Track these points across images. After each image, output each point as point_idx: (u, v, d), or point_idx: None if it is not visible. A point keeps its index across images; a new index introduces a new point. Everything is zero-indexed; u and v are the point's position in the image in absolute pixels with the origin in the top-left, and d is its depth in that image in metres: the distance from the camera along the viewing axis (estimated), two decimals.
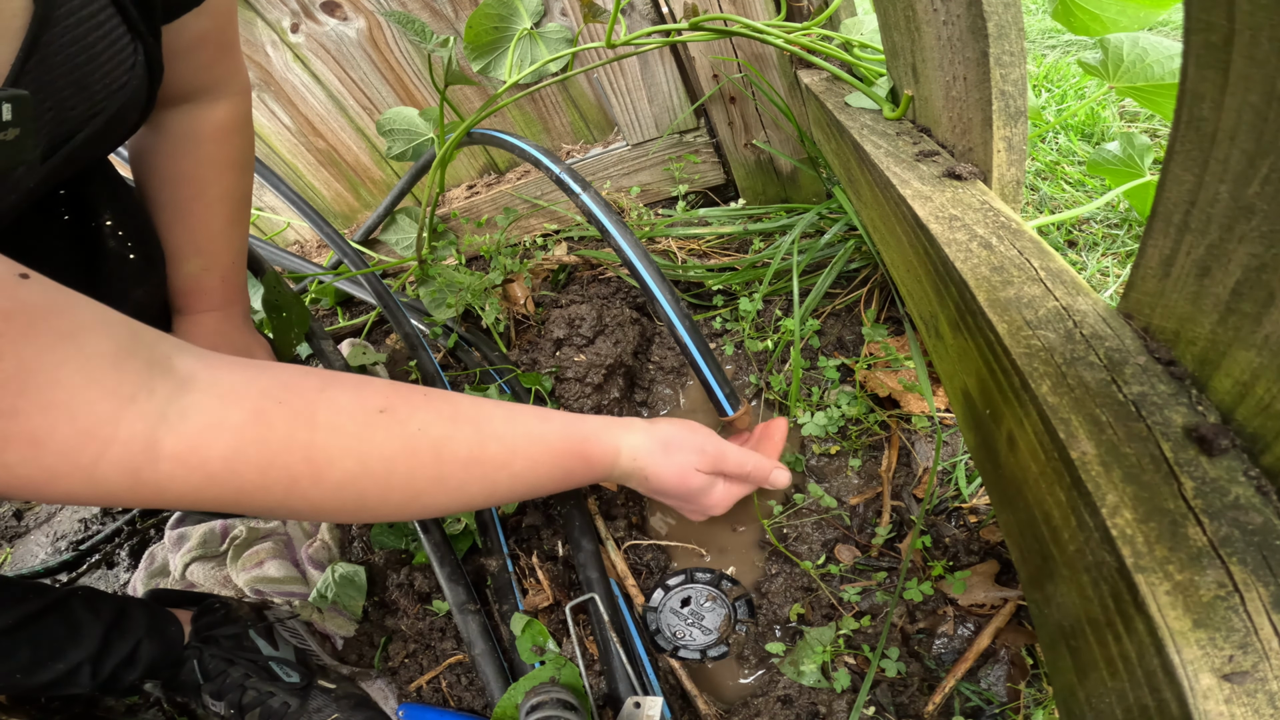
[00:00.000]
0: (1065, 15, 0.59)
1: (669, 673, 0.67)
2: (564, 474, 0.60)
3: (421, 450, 0.50)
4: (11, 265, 0.38)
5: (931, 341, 0.57)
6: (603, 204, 0.78)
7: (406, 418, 0.50)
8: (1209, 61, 0.25)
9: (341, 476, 0.46)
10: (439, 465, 0.51)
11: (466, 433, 0.53)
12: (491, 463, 0.54)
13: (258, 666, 0.71)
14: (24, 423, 0.36)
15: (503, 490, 0.56)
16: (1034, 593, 0.41)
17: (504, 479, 0.55)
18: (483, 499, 0.56)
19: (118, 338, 0.40)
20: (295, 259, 1.27)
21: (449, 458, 0.51)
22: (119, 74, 0.51)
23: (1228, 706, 0.23)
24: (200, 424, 0.41)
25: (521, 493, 0.58)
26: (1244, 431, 0.29)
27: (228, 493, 0.43)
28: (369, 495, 0.48)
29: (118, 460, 0.38)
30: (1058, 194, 1.01)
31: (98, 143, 0.52)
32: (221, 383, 0.43)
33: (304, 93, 1.13)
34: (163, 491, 0.41)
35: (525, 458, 0.56)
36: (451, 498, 0.53)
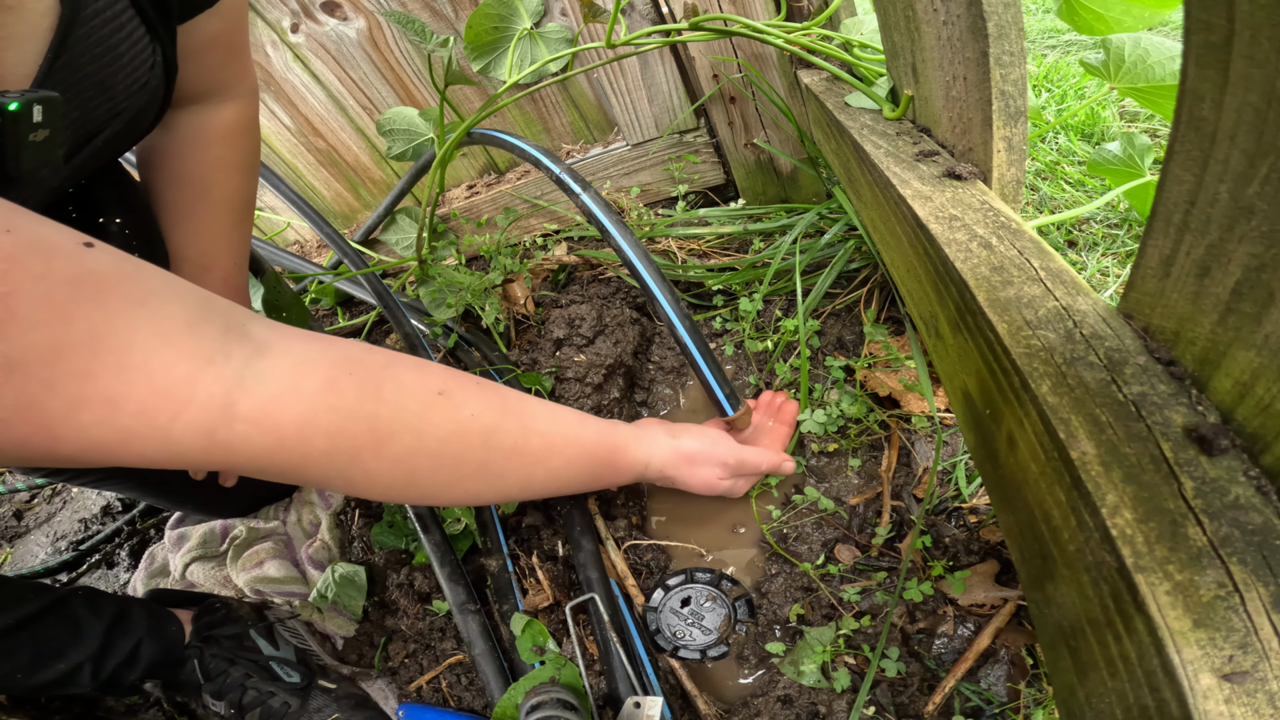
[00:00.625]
0: (1070, 14, 0.59)
1: (669, 673, 0.67)
2: (592, 475, 0.63)
3: (472, 435, 0.52)
4: (76, 234, 0.38)
5: (931, 341, 0.57)
6: (603, 204, 0.78)
7: (462, 402, 0.52)
8: (1209, 61, 0.25)
9: (400, 451, 0.48)
10: (485, 451, 0.53)
11: (513, 424, 0.55)
12: (531, 456, 0.56)
13: (258, 666, 0.71)
14: (99, 384, 0.36)
15: (537, 483, 0.58)
16: (1034, 593, 0.41)
17: (540, 473, 0.57)
18: (518, 489, 0.58)
19: (189, 303, 0.41)
20: (295, 259, 1.27)
21: (495, 446, 0.53)
22: (140, 74, 0.51)
23: (1228, 706, 0.23)
24: (276, 388, 0.42)
25: (553, 488, 0.61)
26: (1244, 431, 0.29)
27: (295, 457, 0.43)
28: (421, 472, 0.50)
29: (194, 421, 0.39)
30: (1058, 194, 1.01)
31: (118, 142, 0.53)
32: (296, 351, 0.44)
33: (304, 93, 1.13)
34: (235, 453, 0.41)
35: (562, 456, 0.59)
36: (491, 485, 0.55)
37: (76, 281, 0.36)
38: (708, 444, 0.70)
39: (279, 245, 1.35)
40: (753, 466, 0.72)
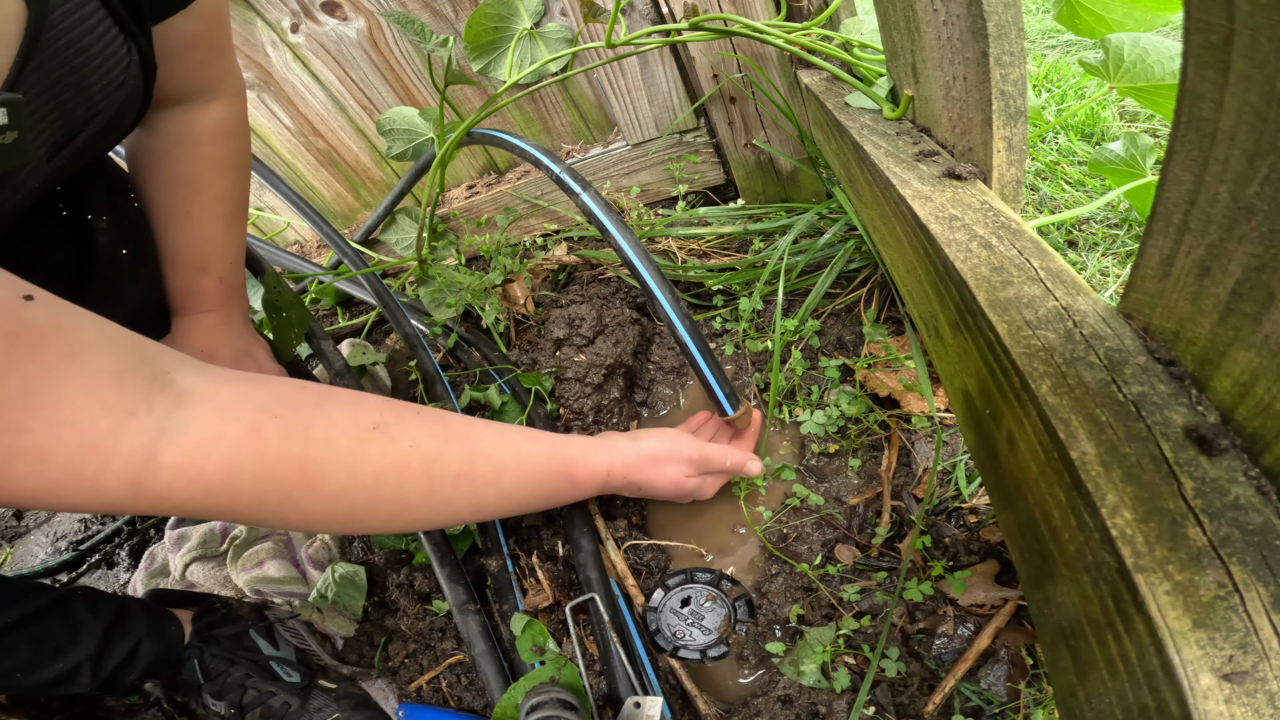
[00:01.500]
0: (1070, 17, 0.59)
1: (669, 673, 0.67)
2: (550, 492, 0.63)
3: (412, 465, 0.52)
4: (16, 286, 0.40)
5: (931, 341, 0.57)
6: (603, 204, 0.78)
7: (399, 435, 0.52)
8: (1209, 61, 0.25)
9: (334, 489, 0.48)
10: (429, 480, 0.53)
11: (457, 450, 0.55)
12: (480, 479, 0.56)
13: (258, 666, 0.71)
14: (30, 438, 0.38)
15: (490, 506, 0.58)
16: (1034, 593, 0.41)
17: (491, 495, 0.57)
18: (469, 514, 0.58)
19: (121, 355, 0.42)
20: (295, 259, 1.27)
21: (439, 473, 0.53)
22: (115, 74, 0.51)
23: (1228, 706, 0.23)
24: (198, 438, 0.43)
25: (508, 509, 0.60)
26: (1244, 431, 0.29)
27: (223, 502, 0.44)
28: (359, 507, 0.50)
29: (119, 472, 0.40)
30: (1058, 194, 1.01)
31: (99, 141, 0.53)
32: (219, 397, 0.45)
33: (304, 93, 1.13)
34: (162, 501, 0.42)
35: (513, 476, 0.58)
36: (439, 511, 0.55)
37: (13, 337, 0.37)
38: (668, 442, 0.70)
39: (279, 245, 1.35)
40: (717, 463, 0.72)
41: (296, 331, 0.87)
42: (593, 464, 0.65)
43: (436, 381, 0.91)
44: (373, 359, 1.04)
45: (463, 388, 0.93)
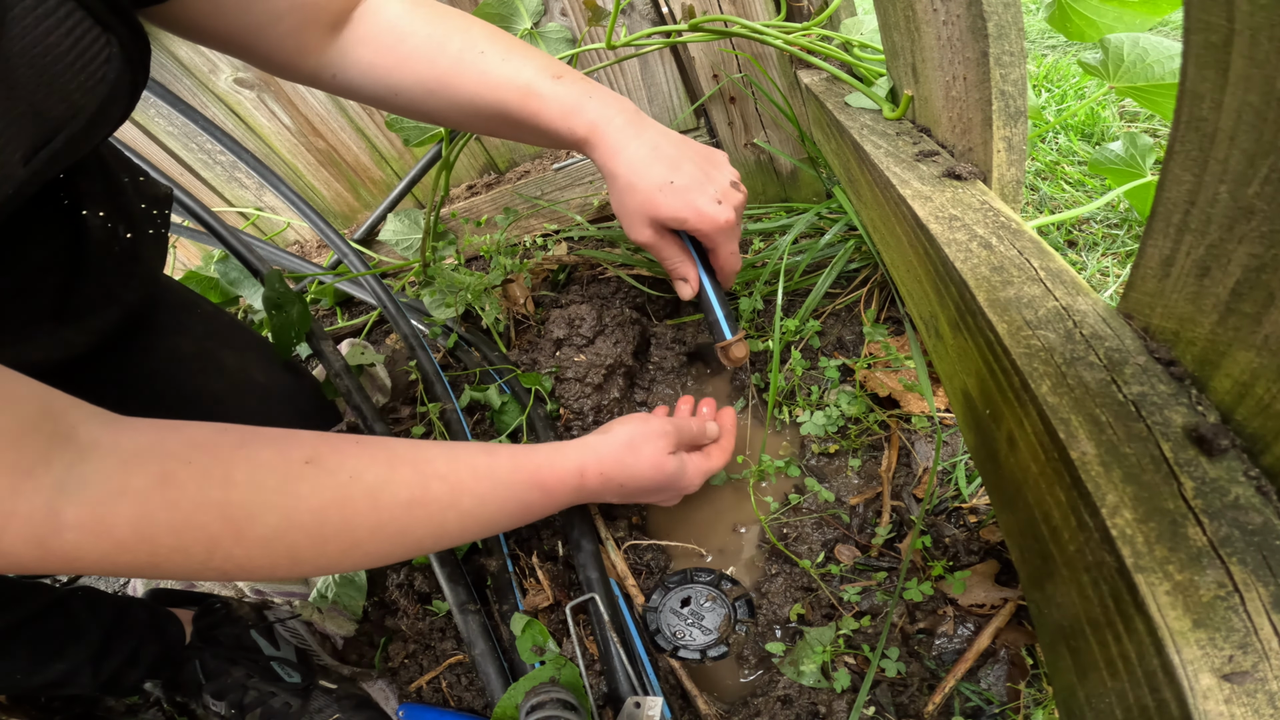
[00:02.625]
0: (1061, 21, 0.59)
1: (669, 673, 0.67)
2: (520, 507, 0.58)
3: (355, 498, 0.48)
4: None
5: (931, 341, 0.57)
6: None
7: (336, 467, 0.49)
8: (1209, 61, 0.25)
9: (266, 532, 0.45)
10: (376, 512, 0.49)
11: (405, 475, 0.51)
12: (436, 503, 0.52)
13: (259, 666, 0.71)
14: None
15: (453, 530, 0.54)
16: (1034, 593, 0.41)
17: (453, 519, 0.53)
18: (432, 542, 0.54)
19: (23, 414, 0.40)
20: (295, 259, 1.27)
21: (387, 503, 0.50)
22: (93, 69, 0.49)
23: (1228, 706, 0.23)
24: (101, 492, 0.40)
25: (475, 531, 0.57)
26: (1244, 431, 0.29)
27: (143, 558, 0.41)
28: (301, 549, 0.46)
29: (21, 534, 0.38)
30: (1058, 194, 1.01)
31: (82, 141, 0.51)
32: (123, 447, 0.42)
33: (304, 93, 1.13)
34: (74, 561, 0.40)
35: (472, 494, 0.54)
36: (395, 544, 0.51)
37: None
38: (638, 423, 0.65)
39: (279, 245, 1.35)
40: (689, 435, 0.69)
41: (297, 330, 0.87)
42: (561, 467, 0.60)
43: (436, 381, 0.91)
44: (371, 359, 1.04)
45: (463, 388, 0.93)
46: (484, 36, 0.64)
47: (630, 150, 0.63)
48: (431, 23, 0.64)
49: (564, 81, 0.63)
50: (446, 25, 0.64)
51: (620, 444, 0.63)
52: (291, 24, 0.59)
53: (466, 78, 0.63)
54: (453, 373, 1.00)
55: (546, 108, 0.62)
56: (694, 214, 0.63)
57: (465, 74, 0.63)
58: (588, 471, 0.61)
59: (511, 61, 0.63)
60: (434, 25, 0.64)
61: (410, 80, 0.64)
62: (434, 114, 0.67)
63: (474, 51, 0.63)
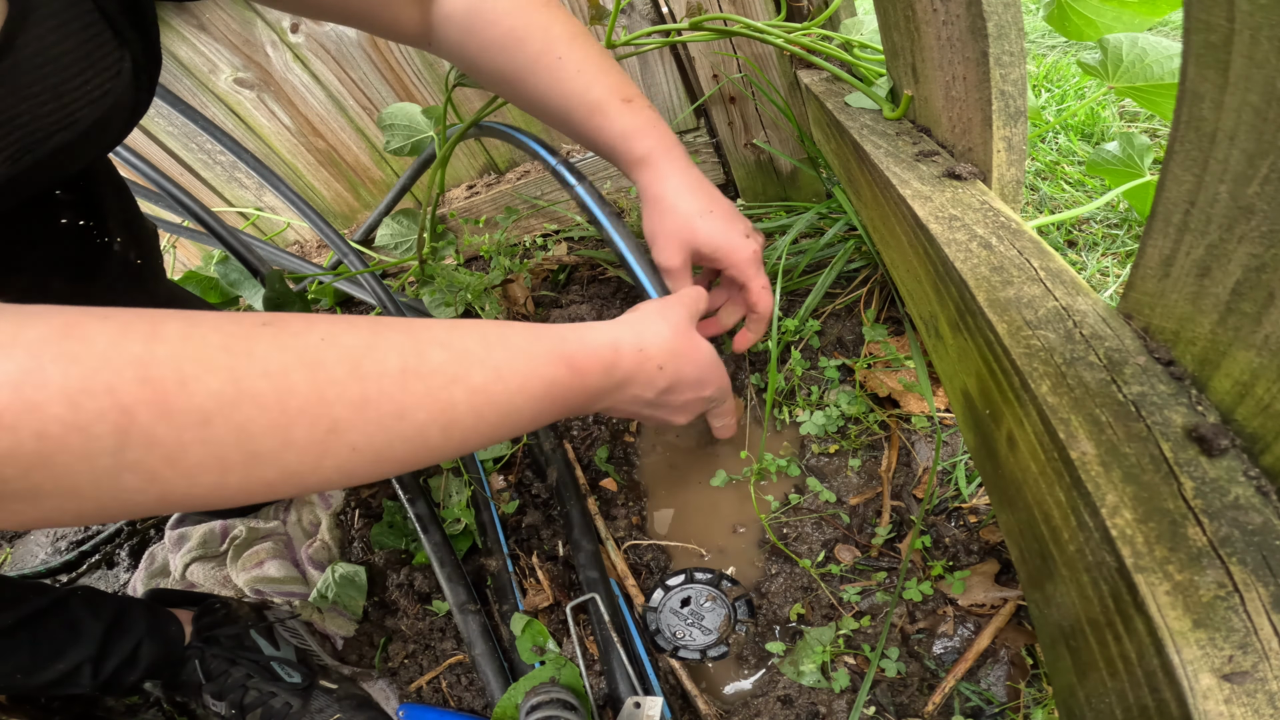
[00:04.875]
0: (1060, 20, 0.59)
1: (669, 673, 0.67)
2: (545, 386, 0.45)
3: (329, 362, 0.36)
4: None
5: (931, 341, 0.57)
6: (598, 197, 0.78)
7: (303, 329, 0.37)
8: (1209, 61, 0.25)
9: (206, 402, 0.32)
10: (359, 380, 0.37)
11: (394, 339, 0.40)
12: (437, 375, 0.40)
13: (259, 666, 0.71)
14: None
15: (463, 416, 0.41)
16: (1034, 593, 0.41)
17: (461, 397, 0.41)
18: (439, 433, 0.40)
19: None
20: (295, 259, 1.27)
21: (373, 370, 0.37)
22: (100, 81, 0.48)
23: (1227, 707, 0.23)
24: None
25: (492, 420, 0.43)
26: (1244, 431, 0.29)
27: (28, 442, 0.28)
28: (257, 431, 0.33)
29: None
30: (1058, 194, 1.01)
31: (73, 152, 0.48)
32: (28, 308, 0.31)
33: (304, 93, 1.13)
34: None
35: (485, 366, 0.42)
36: (389, 432, 0.38)
37: None
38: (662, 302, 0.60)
39: (279, 245, 1.35)
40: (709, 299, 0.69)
41: None
42: (594, 340, 0.50)
43: None
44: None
45: None
46: (563, 38, 0.65)
47: (677, 179, 0.66)
48: (514, 12, 0.64)
49: (631, 107, 0.66)
50: (528, 18, 0.64)
51: (658, 320, 0.55)
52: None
53: (540, 81, 0.65)
54: None
55: (610, 125, 0.65)
56: (728, 242, 0.66)
57: (540, 77, 0.65)
58: (624, 348, 0.51)
59: (585, 75, 0.65)
60: (516, 16, 0.64)
61: (489, 68, 0.66)
62: (510, 99, 0.72)
63: (551, 56, 0.64)
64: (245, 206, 1.33)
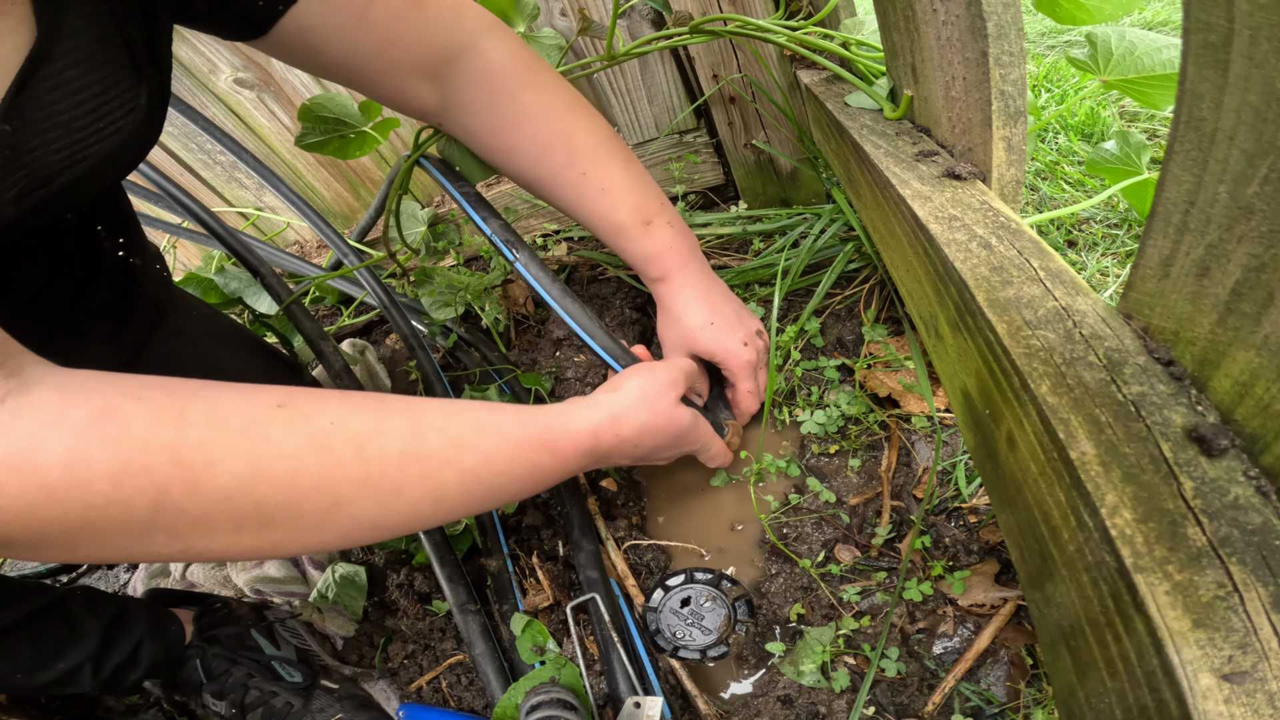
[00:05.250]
0: (1050, 5, 0.59)
1: (669, 673, 0.67)
2: (529, 469, 0.51)
3: (336, 446, 0.41)
4: None
5: (931, 342, 0.57)
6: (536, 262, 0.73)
7: (314, 411, 0.42)
8: (1208, 61, 0.25)
9: (227, 482, 0.37)
10: (363, 463, 0.42)
11: (396, 424, 0.44)
12: (433, 458, 0.45)
13: (261, 666, 0.71)
14: None
15: (454, 493, 0.47)
16: (1034, 593, 0.41)
17: (453, 478, 0.46)
18: (430, 506, 0.46)
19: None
20: (295, 259, 1.27)
21: (375, 454, 0.42)
22: (114, 118, 0.46)
23: (1227, 706, 0.23)
24: (34, 424, 0.34)
25: (479, 496, 0.49)
26: (1244, 431, 0.29)
27: (75, 510, 0.34)
28: (271, 506, 0.39)
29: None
30: (1057, 194, 1.01)
31: (79, 188, 0.47)
32: (70, 383, 0.36)
33: (304, 93, 1.13)
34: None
35: (476, 451, 0.48)
36: (386, 507, 0.44)
37: None
38: (647, 374, 0.61)
39: (279, 246, 1.35)
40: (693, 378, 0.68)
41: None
42: (573, 429, 0.54)
43: (436, 382, 0.91)
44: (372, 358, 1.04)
45: (463, 388, 0.93)
46: (585, 151, 0.67)
47: (687, 294, 0.72)
48: (538, 116, 0.65)
49: (650, 230, 0.69)
50: (552, 125, 0.65)
51: (634, 400, 0.59)
52: (382, 68, 0.60)
53: (564, 194, 0.68)
54: (453, 373, 1.00)
55: (632, 248, 0.70)
56: (724, 350, 0.72)
57: (563, 190, 0.68)
58: (602, 433, 0.56)
59: (609, 194, 0.67)
60: (539, 121, 0.65)
61: (510, 169, 0.70)
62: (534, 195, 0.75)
63: (575, 171, 0.67)
64: (245, 206, 1.33)
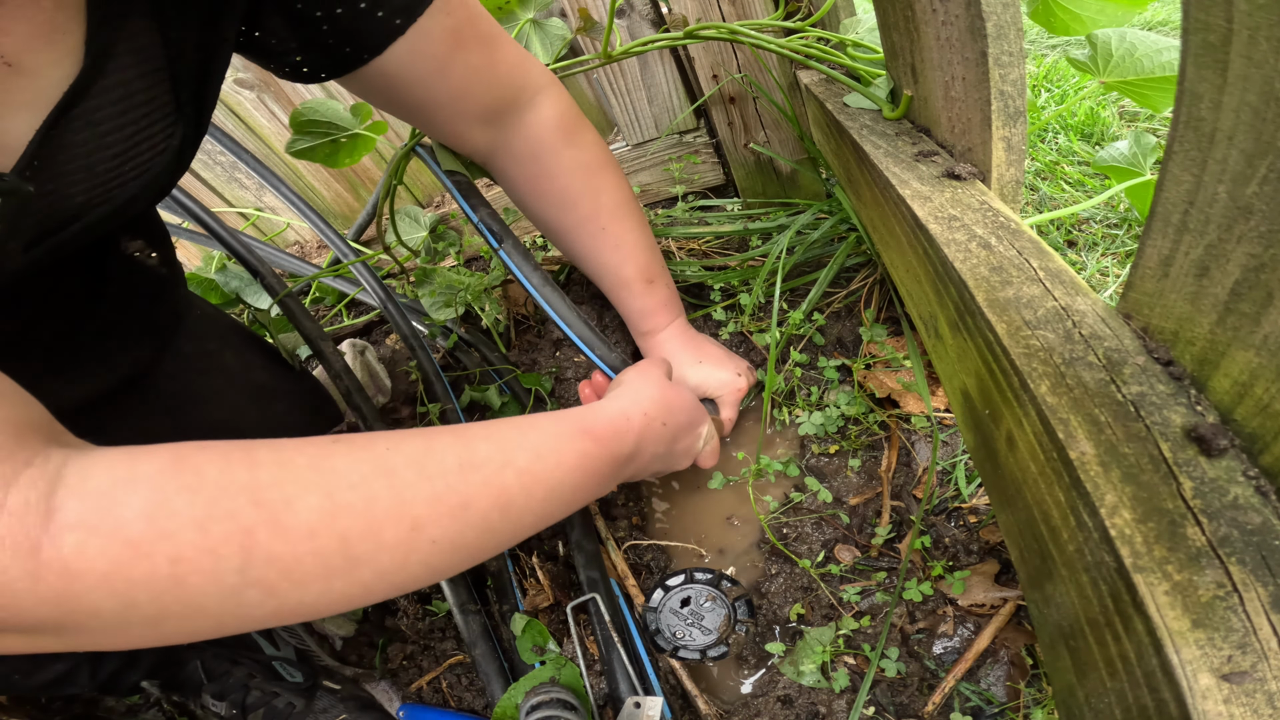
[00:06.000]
0: (1045, 16, 0.59)
1: (669, 673, 0.67)
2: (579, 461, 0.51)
3: (398, 468, 0.41)
4: None
5: (931, 342, 0.57)
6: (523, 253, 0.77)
7: (367, 443, 0.42)
8: (1207, 61, 0.25)
9: (310, 517, 0.37)
10: (427, 480, 0.42)
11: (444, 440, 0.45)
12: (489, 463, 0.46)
13: (262, 666, 0.71)
14: None
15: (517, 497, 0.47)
16: (1033, 593, 0.41)
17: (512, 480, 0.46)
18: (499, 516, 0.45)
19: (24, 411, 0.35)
20: (295, 260, 1.27)
21: (436, 469, 0.43)
22: (143, 160, 0.44)
23: (1226, 706, 0.23)
24: (106, 480, 0.33)
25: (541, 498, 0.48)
26: (1243, 431, 0.29)
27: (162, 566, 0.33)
28: (354, 538, 0.38)
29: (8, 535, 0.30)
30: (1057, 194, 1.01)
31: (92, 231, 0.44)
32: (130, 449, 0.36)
33: (304, 94, 1.13)
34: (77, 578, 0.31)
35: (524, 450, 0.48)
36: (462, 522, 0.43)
37: None
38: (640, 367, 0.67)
39: (279, 246, 1.35)
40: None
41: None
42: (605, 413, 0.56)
43: (436, 382, 0.91)
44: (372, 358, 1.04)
45: (463, 388, 0.93)
46: (608, 209, 0.71)
47: (674, 343, 0.78)
48: (572, 173, 0.69)
49: (651, 289, 0.75)
50: (584, 183, 0.70)
51: (642, 384, 0.62)
52: (449, 114, 0.65)
53: (579, 244, 0.73)
54: (453, 373, 1.00)
55: (632, 302, 0.76)
56: (716, 382, 0.77)
57: (582, 241, 0.73)
58: (630, 413, 0.57)
59: (621, 251, 0.72)
60: (572, 178, 0.70)
61: (535, 215, 0.74)
62: (550, 239, 0.80)
63: (596, 225, 0.71)
64: (245, 207, 1.33)
